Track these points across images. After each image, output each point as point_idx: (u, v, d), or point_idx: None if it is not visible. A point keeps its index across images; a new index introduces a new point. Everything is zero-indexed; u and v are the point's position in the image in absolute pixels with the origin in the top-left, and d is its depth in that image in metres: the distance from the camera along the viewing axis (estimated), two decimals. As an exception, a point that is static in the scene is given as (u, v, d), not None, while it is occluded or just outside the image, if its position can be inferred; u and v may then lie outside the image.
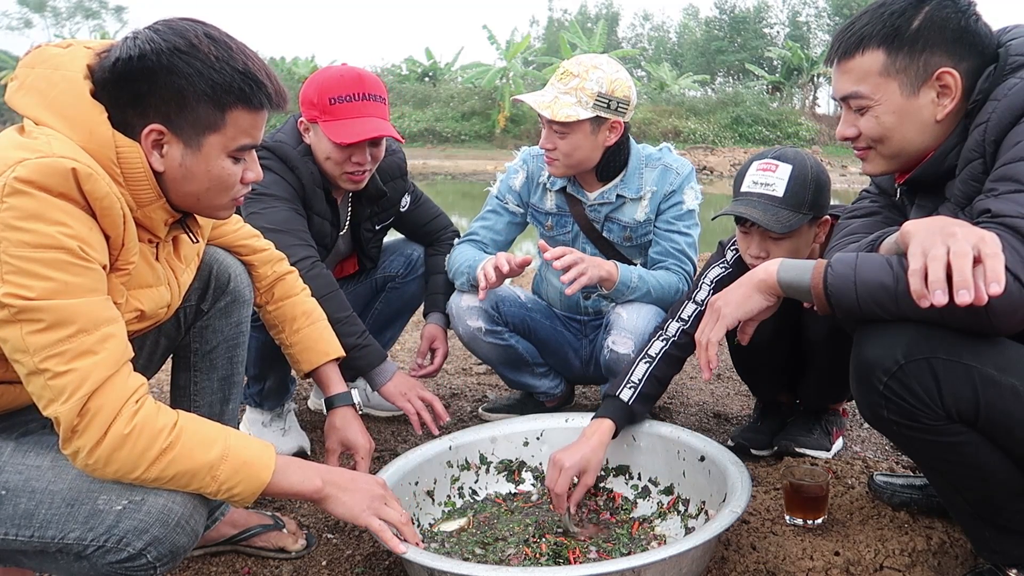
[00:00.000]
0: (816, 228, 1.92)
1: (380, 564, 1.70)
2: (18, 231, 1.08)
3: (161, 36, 1.20)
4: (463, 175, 21.31)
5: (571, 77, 2.15)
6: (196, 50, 1.20)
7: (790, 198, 1.82)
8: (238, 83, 1.22)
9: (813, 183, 1.85)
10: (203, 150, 1.25)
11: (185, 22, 1.24)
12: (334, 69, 2.11)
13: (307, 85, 2.11)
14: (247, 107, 1.25)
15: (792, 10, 53.60)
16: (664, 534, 1.76)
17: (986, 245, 1.09)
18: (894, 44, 1.37)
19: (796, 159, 1.87)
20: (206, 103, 1.21)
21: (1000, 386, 1.24)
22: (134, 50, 1.18)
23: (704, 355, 1.54)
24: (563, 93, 2.14)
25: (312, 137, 2.13)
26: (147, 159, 1.22)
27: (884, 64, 1.38)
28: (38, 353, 1.10)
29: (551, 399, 2.54)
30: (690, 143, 28.33)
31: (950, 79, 1.36)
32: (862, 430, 2.49)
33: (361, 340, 2.01)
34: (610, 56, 2.35)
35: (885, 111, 1.41)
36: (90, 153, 1.16)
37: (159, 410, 1.21)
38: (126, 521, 1.17)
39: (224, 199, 1.33)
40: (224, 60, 1.22)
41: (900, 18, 1.37)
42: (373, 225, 2.41)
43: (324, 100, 2.04)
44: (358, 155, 2.09)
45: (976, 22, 1.37)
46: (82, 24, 53.97)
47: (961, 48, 1.36)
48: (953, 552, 1.64)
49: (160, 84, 1.19)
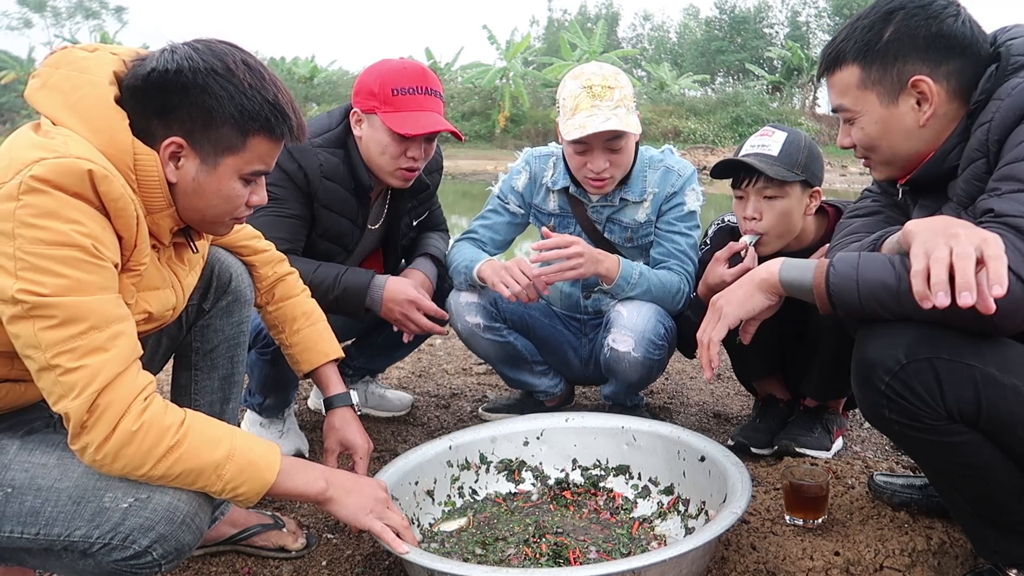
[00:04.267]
0: (807, 198, 2.04)
1: (380, 564, 1.70)
2: (33, 228, 1.09)
3: (200, 55, 1.23)
4: (463, 175, 21.31)
5: (610, 91, 2.10)
6: (231, 74, 1.23)
7: (784, 157, 1.98)
8: (265, 112, 1.26)
9: (806, 149, 2.01)
10: (218, 169, 1.28)
11: (224, 45, 1.27)
12: (395, 61, 2.08)
13: (366, 75, 2.06)
14: (269, 136, 1.29)
15: (792, 10, 53.58)
16: (664, 534, 1.76)
17: (989, 246, 1.10)
18: (867, 58, 1.42)
19: (791, 129, 2.05)
20: (231, 126, 1.25)
21: (1002, 386, 1.24)
22: (171, 64, 1.21)
23: (706, 354, 1.54)
24: (615, 108, 2.09)
25: (366, 129, 2.07)
26: (162, 169, 1.24)
27: (860, 78, 1.44)
28: (50, 349, 1.11)
29: (551, 398, 2.54)
30: (690, 143, 28.35)
31: (925, 86, 1.39)
32: (862, 430, 2.50)
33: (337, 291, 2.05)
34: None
35: (868, 122, 1.46)
36: (108, 157, 1.18)
37: (167, 408, 1.22)
38: (132, 519, 1.18)
39: (227, 218, 1.36)
40: (256, 88, 1.25)
41: (870, 32, 1.42)
42: (411, 220, 2.36)
43: (386, 91, 2.00)
44: (414, 149, 2.05)
45: (953, 23, 1.38)
46: (82, 24, 53.92)
47: (936, 53, 1.38)
48: (953, 552, 1.64)
49: (191, 100, 1.22)
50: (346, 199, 2.12)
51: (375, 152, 2.07)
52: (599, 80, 2.12)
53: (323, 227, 2.12)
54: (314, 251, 2.14)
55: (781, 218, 2.00)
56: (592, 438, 2.02)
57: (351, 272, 2.10)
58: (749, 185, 2.00)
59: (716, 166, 2.05)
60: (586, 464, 2.01)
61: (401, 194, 2.25)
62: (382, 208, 2.29)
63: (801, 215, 2.04)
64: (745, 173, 2.01)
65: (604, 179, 2.18)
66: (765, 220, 2.00)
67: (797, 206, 2.01)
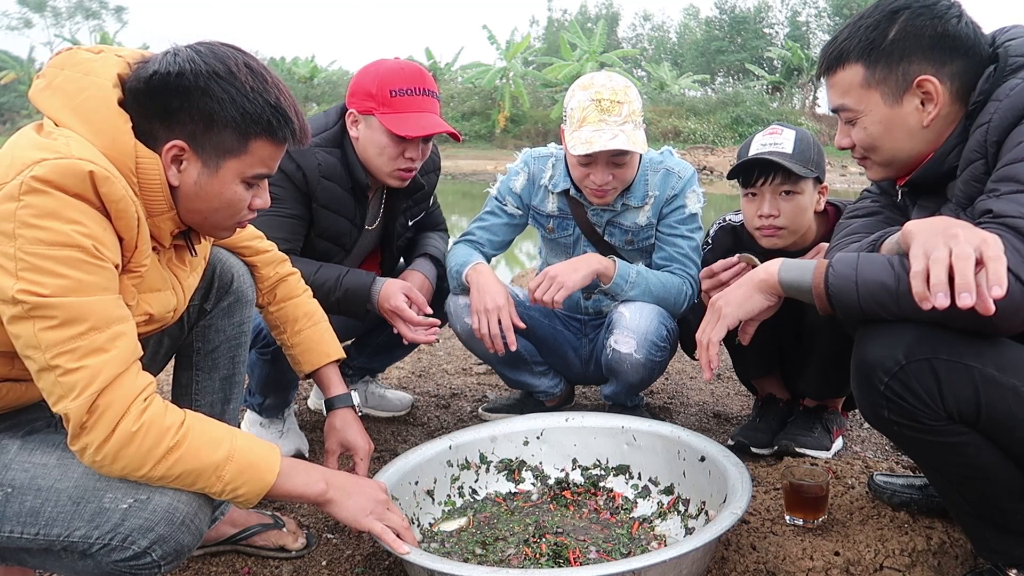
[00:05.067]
0: (817, 194, 2.07)
1: (380, 564, 1.71)
2: (34, 228, 1.09)
3: (202, 58, 1.23)
4: (463, 175, 21.32)
5: (619, 105, 2.08)
6: (234, 77, 1.23)
7: (799, 154, 1.99)
8: (267, 115, 1.26)
9: (815, 146, 2.05)
10: (220, 173, 1.28)
11: (227, 48, 1.27)
12: (392, 62, 2.07)
13: (363, 76, 2.06)
14: (271, 139, 1.29)
15: (792, 10, 53.59)
16: (664, 534, 1.76)
17: (988, 247, 1.10)
18: (871, 57, 1.41)
19: (797, 128, 2.07)
20: (232, 129, 1.24)
21: (1001, 386, 1.24)
22: (173, 66, 1.21)
23: (705, 355, 1.54)
24: (622, 124, 2.07)
25: (362, 130, 2.07)
26: (164, 172, 1.24)
27: (864, 77, 1.43)
28: (50, 350, 1.11)
29: (551, 398, 2.54)
30: (690, 143, 28.37)
31: (931, 86, 1.38)
32: (862, 430, 2.50)
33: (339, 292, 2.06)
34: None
35: (871, 121, 1.45)
36: (110, 159, 1.18)
37: (167, 409, 1.22)
38: (132, 519, 1.18)
39: (229, 221, 1.36)
40: (258, 92, 1.25)
41: (875, 31, 1.41)
42: (407, 220, 2.36)
43: (384, 92, 2.00)
44: (412, 150, 2.05)
45: (957, 24, 1.38)
46: (82, 24, 53.94)
47: (940, 53, 1.38)
48: (953, 552, 1.64)
49: (193, 103, 1.22)
50: (344, 198, 2.12)
51: (373, 153, 2.07)
52: (608, 94, 2.09)
53: (321, 227, 2.12)
54: (313, 251, 2.14)
55: (797, 214, 2.02)
56: (592, 438, 2.02)
57: (353, 273, 2.10)
58: (765, 184, 2.01)
59: (735, 168, 2.04)
60: (586, 464, 2.01)
61: (397, 194, 2.25)
62: (378, 208, 2.29)
63: (812, 212, 2.06)
64: (760, 171, 2.01)
65: (607, 191, 2.18)
66: (783, 217, 2.01)
67: (810, 202, 2.04)
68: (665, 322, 2.16)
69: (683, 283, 2.22)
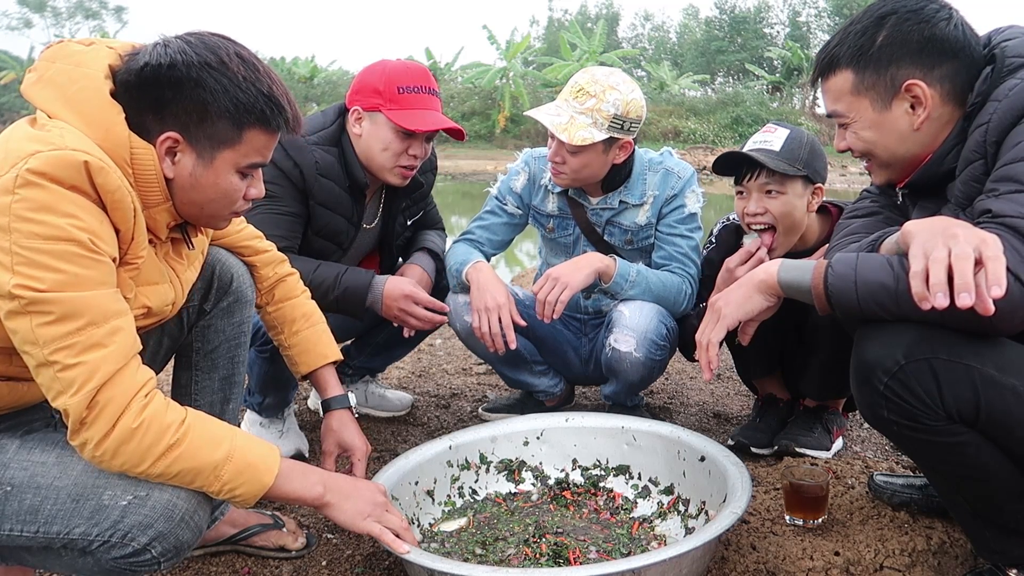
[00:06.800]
0: (809, 195, 2.04)
1: (380, 564, 1.71)
2: (29, 222, 1.08)
3: (193, 49, 1.22)
4: (463, 175, 21.31)
5: (587, 97, 2.09)
6: (225, 67, 1.22)
7: (786, 152, 1.99)
8: (260, 105, 1.25)
9: (808, 145, 2.02)
10: (214, 163, 1.27)
11: (217, 38, 1.26)
12: (397, 61, 2.11)
13: (368, 74, 2.08)
14: (265, 128, 1.28)
15: (792, 10, 53.57)
16: (664, 534, 1.76)
17: (987, 247, 1.10)
18: (860, 63, 1.43)
19: (793, 127, 2.07)
20: (226, 119, 1.24)
21: (1000, 386, 1.24)
22: (164, 58, 1.20)
23: (705, 356, 1.54)
24: (579, 113, 2.09)
25: (367, 126, 2.08)
26: (159, 164, 1.23)
27: (854, 83, 1.44)
28: (48, 345, 1.10)
29: (551, 398, 2.54)
30: (690, 143, 28.35)
31: (919, 90, 1.39)
32: (862, 430, 2.50)
33: (337, 291, 2.07)
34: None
35: (862, 127, 1.47)
36: (104, 151, 1.17)
37: (168, 405, 1.21)
38: (131, 516, 1.18)
39: (225, 212, 1.36)
40: (250, 81, 1.24)
41: (863, 37, 1.43)
42: (406, 219, 2.38)
43: (392, 89, 2.03)
44: (416, 147, 2.08)
45: (946, 27, 1.39)
46: (82, 24, 53.92)
47: (929, 57, 1.39)
48: (953, 552, 1.64)
49: (185, 95, 1.21)
50: (341, 196, 2.13)
51: (376, 149, 2.08)
52: (585, 82, 2.12)
53: (318, 225, 2.13)
54: (309, 249, 2.15)
55: (784, 213, 2.00)
56: (592, 438, 2.02)
57: (351, 272, 2.10)
58: (751, 180, 2.01)
59: (717, 159, 2.05)
60: (586, 464, 2.01)
61: (396, 193, 2.27)
62: (377, 207, 2.29)
63: (804, 212, 2.04)
64: (747, 168, 2.02)
65: (559, 170, 2.19)
66: (769, 215, 2.01)
67: (799, 202, 2.02)
68: (665, 321, 2.16)
69: (683, 282, 2.22)
